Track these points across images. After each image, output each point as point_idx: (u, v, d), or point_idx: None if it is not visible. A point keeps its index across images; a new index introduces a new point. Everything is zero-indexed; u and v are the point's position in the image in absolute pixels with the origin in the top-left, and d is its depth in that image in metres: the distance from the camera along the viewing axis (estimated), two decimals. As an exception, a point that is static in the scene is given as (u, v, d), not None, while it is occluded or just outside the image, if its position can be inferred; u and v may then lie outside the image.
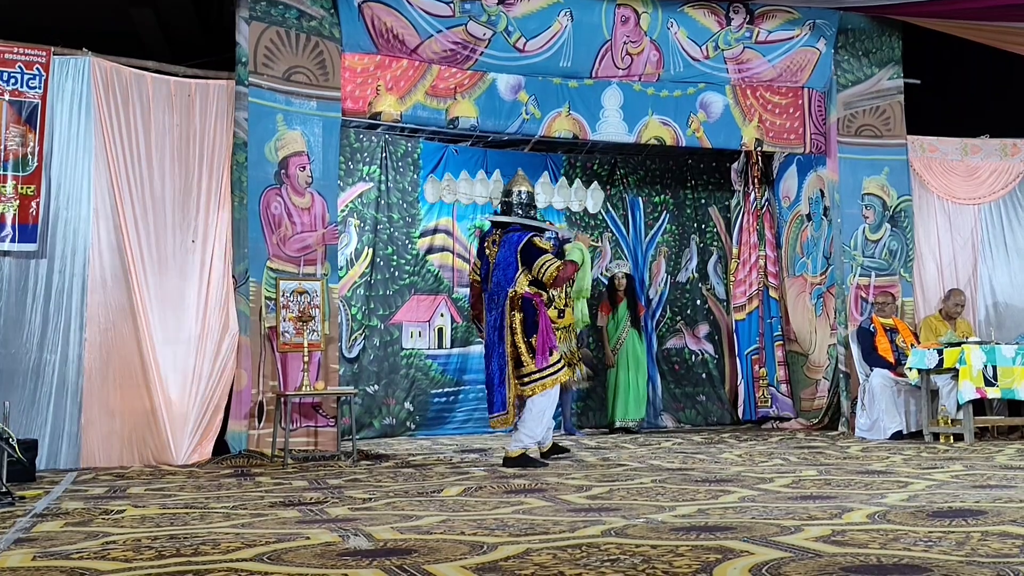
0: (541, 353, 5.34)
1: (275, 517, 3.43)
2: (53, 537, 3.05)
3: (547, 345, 5.36)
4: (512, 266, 5.43)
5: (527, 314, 5.39)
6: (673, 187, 9.69)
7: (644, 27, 7.73)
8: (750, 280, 9.24)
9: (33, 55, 5.95)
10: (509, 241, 5.50)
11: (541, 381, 5.35)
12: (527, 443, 5.44)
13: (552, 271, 5.37)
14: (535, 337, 5.35)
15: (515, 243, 5.46)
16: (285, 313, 6.34)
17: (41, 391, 5.81)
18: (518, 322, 5.37)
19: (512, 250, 5.45)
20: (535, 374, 5.35)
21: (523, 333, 5.37)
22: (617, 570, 2.27)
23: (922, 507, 3.26)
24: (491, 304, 5.52)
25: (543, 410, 5.45)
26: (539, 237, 5.58)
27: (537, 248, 5.46)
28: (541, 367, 5.34)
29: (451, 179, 5.75)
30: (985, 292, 8.44)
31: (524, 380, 5.36)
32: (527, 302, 5.41)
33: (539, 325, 5.37)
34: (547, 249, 5.52)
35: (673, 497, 3.75)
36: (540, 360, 5.34)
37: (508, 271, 5.44)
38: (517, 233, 5.52)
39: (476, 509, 3.54)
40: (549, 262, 5.38)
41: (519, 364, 5.37)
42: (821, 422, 8.40)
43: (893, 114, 8.23)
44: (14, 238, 5.79)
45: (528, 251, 5.43)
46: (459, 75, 7.32)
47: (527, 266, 5.40)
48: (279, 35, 6.62)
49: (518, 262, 5.42)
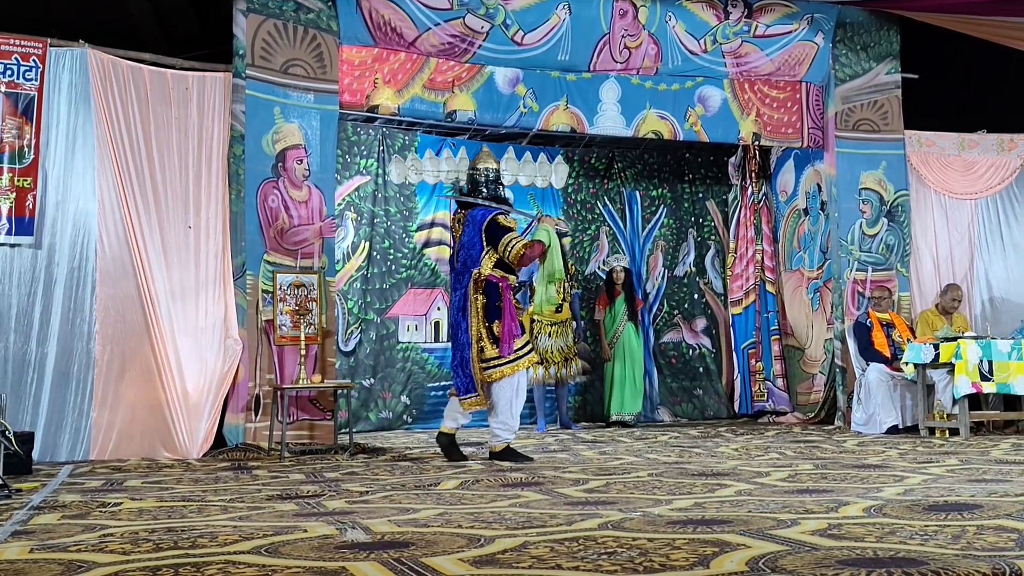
0: (505, 340, 5.18)
1: (272, 510, 3.43)
2: (51, 530, 3.05)
3: (511, 333, 5.20)
4: (477, 246, 5.27)
5: (490, 298, 5.23)
6: (671, 181, 9.69)
7: (642, 21, 7.72)
8: (747, 274, 9.25)
9: (29, 47, 5.93)
10: (473, 220, 5.34)
11: (500, 368, 5.18)
12: (506, 436, 5.31)
13: (518, 248, 5.22)
14: (497, 323, 5.19)
15: (479, 221, 5.30)
16: (282, 306, 6.33)
17: (38, 383, 5.80)
18: (480, 305, 5.22)
19: (476, 229, 5.29)
20: (495, 360, 5.19)
21: (484, 318, 5.21)
22: (614, 563, 2.27)
23: (918, 501, 3.27)
24: (456, 284, 5.38)
25: (510, 400, 5.26)
26: (504, 215, 5.41)
27: (502, 226, 5.29)
28: (505, 354, 5.19)
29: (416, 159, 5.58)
30: (981, 287, 8.46)
31: (486, 366, 5.21)
32: (492, 286, 5.24)
33: (502, 310, 5.20)
34: (512, 227, 5.35)
35: (670, 491, 3.76)
36: (504, 348, 5.18)
37: (473, 251, 5.28)
38: (482, 211, 5.36)
39: (473, 502, 3.55)
40: (515, 239, 5.24)
41: (480, 349, 5.23)
42: (817, 416, 8.41)
43: (891, 108, 8.23)
44: (10, 231, 5.78)
45: (492, 229, 5.26)
46: (457, 68, 7.31)
47: (492, 245, 5.23)
48: (276, 28, 6.60)
49: (483, 241, 5.26)
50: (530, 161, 5.10)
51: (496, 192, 5.54)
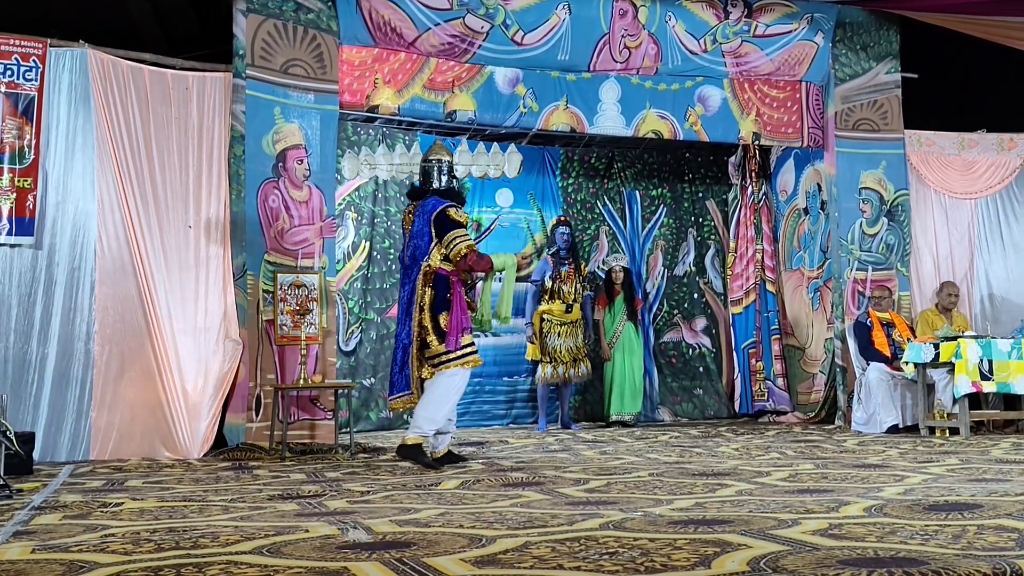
0: (452, 334, 4.88)
1: (274, 510, 3.44)
2: (52, 530, 3.05)
3: (459, 326, 4.91)
4: (426, 237, 5.01)
5: (438, 291, 4.95)
6: (671, 181, 9.69)
7: (642, 20, 7.72)
8: (747, 274, 9.25)
9: (29, 47, 5.93)
10: (423, 210, 5.09)
11: (453, 363, 4.90)
12: (426, 429, 4.97)
13: (462, 248, 4.92)
14: (444, 316, 4.91)
15: (429, 212, 5.04)
16: (283, 306, 6.33)
17: (38, 383, 5.80)
18: (427, 299, 4.95)
19: (426, 220, 5.03)
20: (443, 355, 4.91)
21: (431, 311, 4.93)
22: (615, 563, 2.28)
23: (918, 501, 3.27)
24: (404, 278, 5.13)
25: (448, 391, 4.95)
26: (455, 208, 5.10)
27: (451, 220, 5.00)
28: (451, 349, 4.89)
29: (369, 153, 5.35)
30: (981, 286, 8.46)
31: (433, 362, 4.94)
32: (441, 279, 4.97)
33: (451, 304, 4.92)
34: (462, 222, 5.05)
35: (670, 491, 3.76)
36: (450, 342, 4.88)
37: (422, 243, 5.02)
38: (433, 201, 5.11)
39: (474, 502, 3.55)
40: (460, 238, 4.94)
41: (424, 345, 4.94)
42: (817, 416, 8.42)
43: (891, 108, 8.23)
44: (11, 231, 5.78)
45: (441, 221, 4.98)
46: (457, 68, 7.31)
47: (440, 238, 4.97)
48: (276, 28, 6.60)
49: (432, 233, 4.99)
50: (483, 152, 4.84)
51: (450, 185, 5.29)
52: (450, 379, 4.94)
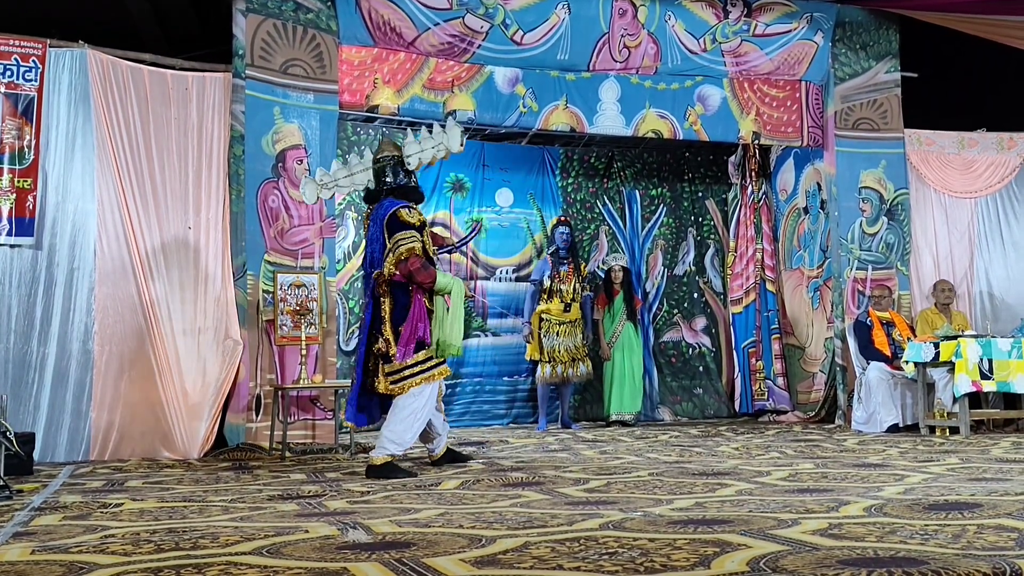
0: (405, 343, 4.59)
1: (274, 510, 3.44)
2: (52, 531, 3.05)
3: (415, 336, 4.61)
4: (378, 242, 4.73)
5: (397, 300, 4.66)
6: (670, 180, 9.69)
7: (642, 20, 7.72)
8: (747, 273, 9.25)
9: (29, 47, 5.93)
10: (377, 214, 4.79)
11: (413, 379, 4.62)
12: (393, 450, 4.64)
13: (402, 251, 4.58)
14: (402, 326, 4.62)
15: (382, 216, 4.73)
16: (283, 306, 6.33)
17: (38, 384, 5.80)
18: (387, 309, 4.65)
19: (379, 225, 4.73)
20: (405, 370, 4.62)
21: (391, 322, 4.63)
22: (615, 563, 2.28)
23: (918, 500, 3.27)
24: (366, 286, 4.84)
25: (414, 412, 4.67)
26: (408, 209, 4.76)
27: (401, 221, 4.66)
28: (402, 361, 4.60)
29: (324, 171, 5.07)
30: (981, 285, 8.46)
31: (393, 378, 4.64)
32: (400, 286, 4.67)
33: (409, 313, 4.61)
34: (413, 224, 4.70)
35: (670, 490, 3.76)
36: (399, 352, 4.58)
37: (376, 248, 4.74)
38: (387, 203, 4.80)
39: (474, 502, 3.55)
40: (406, 239, 4.61)
41: (387, 359, 4.64)
42: (818, 415, 8.42)
43: (890, 107, 8.23)
44: (11, 231, 5.78)
45: (393, 224, 4.66)
46: (456, 68, 7.31)
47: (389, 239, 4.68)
48: (276, 28, 6.60)
49: (384, 238, 4.69)
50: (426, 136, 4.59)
51: (404, 182, 4.94)
52: (417, 399, 4.66)
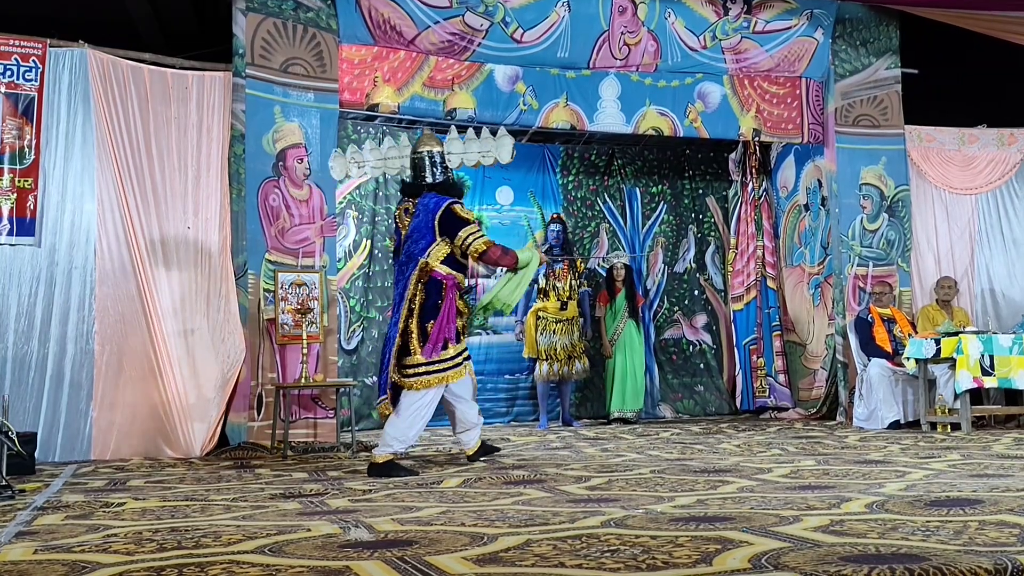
0: (431, 342, 4.65)
1: (276, 509, 3.44)
2: (54, 530, 3.06)
3: (443, 335, 4.68)
4: (428, 236, 4.76)
5: (429, 296, 4.71)
6: (671, 177, 9.69)
7: (641, 17, 7.72)
8: (748, 270, 9.25)
9: (29, 47, 5.93)
10: (426, 207, 4.82)
11: (425, 377, 4.67)
12: (396, 447, 4.71)
13: (479, 245, 4.73)
14: (431, 324, 4.67)
15: (432, 209, 4.79)
16: (284, 305, 6.34)
17: (39, 384, 5.80)
18: (418, 302, 4.69)
19: (430, 217, 4.78)
20: (421, 367, 4.67)
21: (419, 317, 4.69)
22: (617, 561, 2.28)
23: (920, 496, 3.28)
24: (398, 276, 4.88)
25: (419, 411, 4.71)
26: (460, 204, 4.89)
27: (460, 217, 4.80)
28: (429, 359, 4.66)
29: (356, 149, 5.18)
30: (982, 281, 8.46)
31: (407, 371, 4.68)
32: (435, 283, 4.74)
33: (440, 310, 4.68)
34: (470, 219, 4.86)
35: (672, 488, 3.76)
36: (427, 350, 4.64)
37: (421, 241, 4.77)
38: (435, 199, 4.86)
39: (476, 500, 3.56)
40: (475, 235, 4.75)
41: (405, 351, 4.69)
42: (819, 412, 8.42)
43: (891, 104, 8.23)
44: (12, 231, 5.78)
45: (449, 219, 4.76)
46: (456, 66, 7.30)
47: (446, 236, 4.75)
48: (276, 26, 6.60)
49: (435, 231, 4.76)
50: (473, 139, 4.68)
51: (446, 178, 5.02)
52: (421, 399, 4.71)
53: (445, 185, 5.00)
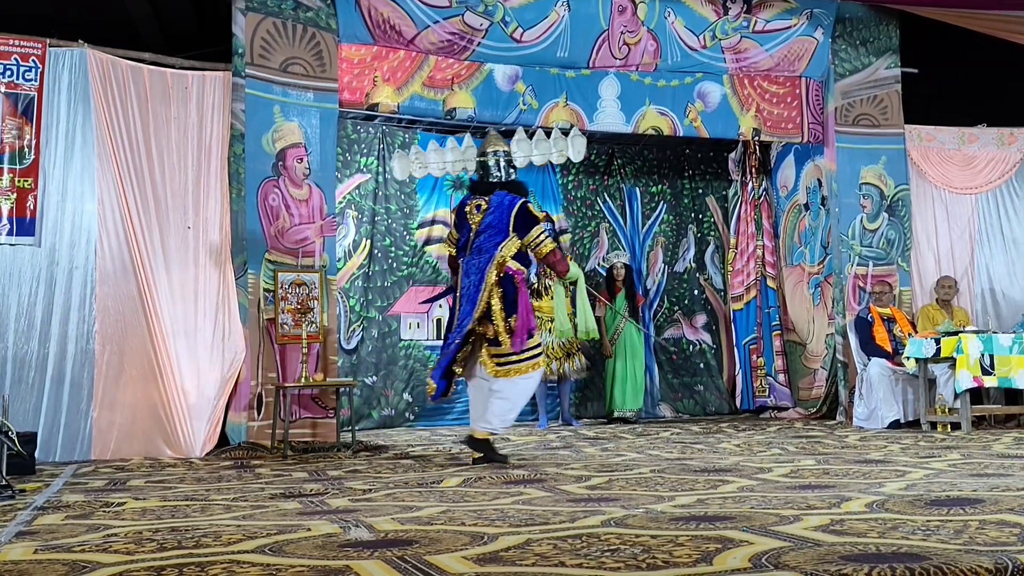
0: (519, 335, 4.88)
1: (276, 509, 3.44)
2: (54, 530, 3.05)
3: (526, 327, 4.92)
4: (503, 231, 4.96)
5: (507, 291, 4.93)
6: (671, 177, 9.69)
7: (641, 17, 7.72)
8: (748, 270, 9.25)
9: (29, 47, 5.93)
10: (500, 205, 5.03)
11: (517, 365, 4.90)
12: (496, 427, 5.00)
13: (548, 246, 5.02)
14: (515, 317, 4.90)
15: (508, 206, 5.00)
16: (283, 305, 6.34)
17: (39, 383, 5.80)
18: (498, 298, 4.91)
19: (505, 213, 4.98)
20: (512, 356, 4.89)
21: (503, 312, 4.90)
22: (617, 560, 2.28)
23: (920, 496, 3.27)
24: (469, 269, 5.02)
25: (523, 393, 5.00)
26: (532, 203, 5.16)
27: (532, 215, 5.06)
28: (516, 350, 4.88)
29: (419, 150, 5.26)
30: (982, 281, 8.46)
31: (500, 361, 4.91)
32: (508, 278, 4.95)
33: (518, 304, 4.92)
34: (540, 218, 5.16)
35: (672, 487, 3.76)
36: (516, 343, 4.87)
37: (497, 236, 4.96)
38: (509, 196, 5.07)
39: (476, 500, 3.55)
40: (544, 236, 5.03)
41: (495, 343, 4.91)
42: (819, 411, 8.42)
43: (890, 103, 8.23)
44: (12, 231, 5.78)
45: (524, 216, 5.00)
46: (456, 66, 7.30)
47: (519, 232, 4.97)
48: (276, 26, 6.60)
49: (509, 228, 4.97)
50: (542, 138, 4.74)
51: (510, 176, 5.24)
52: (527, 382, 4.98)
53: (514, 183, 5.23)
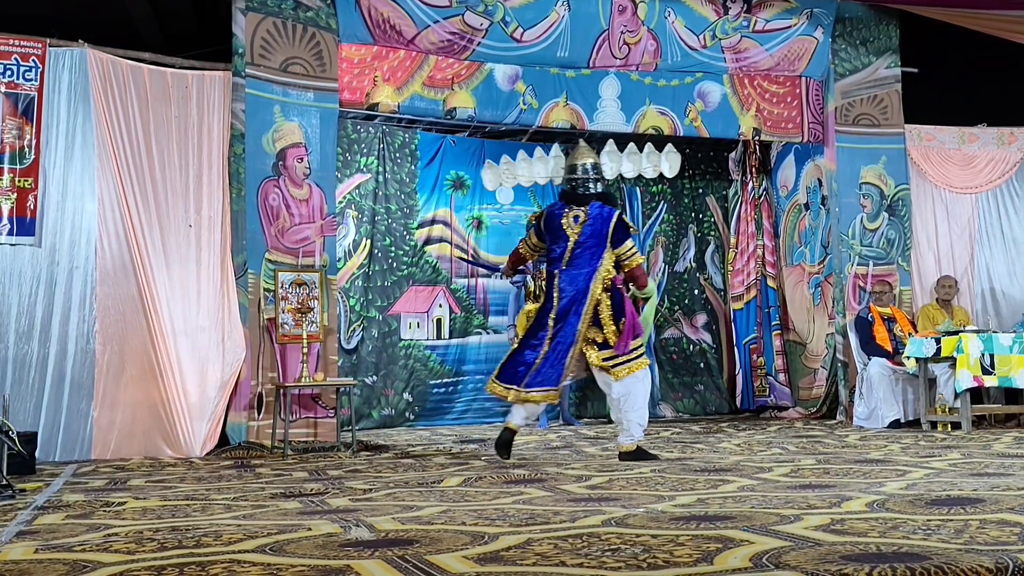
0: (626, 338, 5.07)
1: (276, 508, 3.44)
2: (55, 530, 3.06)
3: (633, 329, 5.12)
4: (602, 243, 5.14)
5: (613, 297, 5.13)
6: (671, 177, 9.68)
7: (641, 16, 7.71)
8: (748, 270, 9.25)
9: (29, 47, 5.93)
10: (600, 217, 5.18)
11: (627, 364, 5.04)
12: (638, 434, 5.11)
13: (635, 263, 5.21)
14: (623, 322, 5.09)
15: (607, 218, 5.16)
16: (284, 305, 6.34)
17: (39, 383, 5.80)
18: (606, 305, 5.09)
19: (605, 225, 5.15)
20: (620, 357, 5.06)
21: (612, 317, 5.09)
22: (618, 560, 2.28)
23: (920, 495, 3.28)
24: (569, 279, 5.16)
25: (645, 391, 5.16)
26: (625, 215, 5.32)
27: (627, 228, 5.26)
28: (621, 352, 5.05)
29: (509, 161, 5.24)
30: (982, 281, 8.46)
31: (611, 363, 5.06)
32: (613, 285, 5.18)
33: (625, 308, 5.14)
34: (633, 231, 5.38)
35: (672, 487, 3.76)
36: (620, 345, 5.05)
37: (598, 248, 5.14)
38: (606, 208, 5.23)
39: (476, 499, 3.56)
40: (635, 252, 5.23)
41: (605, 346, 5.09)
42: (819, 411, 8.42)
43: (890, 103, 8.23)
44: (12, 231, 5.78)
45: (622, 228, 5.18)
46: (456, 65, 7.30)
47: (614, 244, 5.13)
48: (276, 26, 6.60)
49: (608, 239, 5.14)
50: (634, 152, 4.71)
51: (605, 188, 5.41)
52: (644, 381, 5.13)
53: (606, 195, 5.37)
